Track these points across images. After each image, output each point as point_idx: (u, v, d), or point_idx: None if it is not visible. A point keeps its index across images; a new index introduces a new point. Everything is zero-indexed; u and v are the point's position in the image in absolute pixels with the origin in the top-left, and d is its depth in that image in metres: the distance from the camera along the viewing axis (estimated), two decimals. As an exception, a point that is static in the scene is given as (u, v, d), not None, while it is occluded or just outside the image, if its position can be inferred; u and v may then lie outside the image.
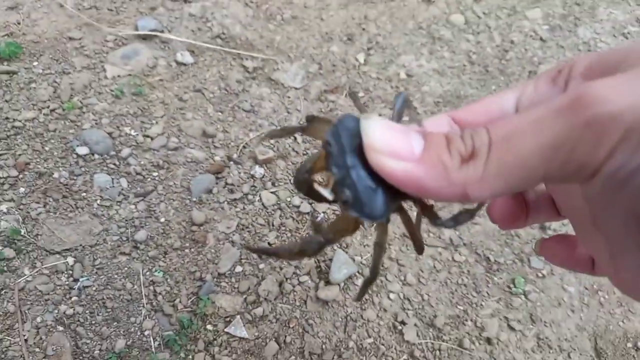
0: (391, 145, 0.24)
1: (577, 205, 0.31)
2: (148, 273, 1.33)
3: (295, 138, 1.68)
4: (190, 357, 1.24)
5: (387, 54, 2.02)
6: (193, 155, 1.56)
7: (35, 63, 1.66)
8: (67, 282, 1.27)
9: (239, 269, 1.38)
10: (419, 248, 0.35)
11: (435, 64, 2.02)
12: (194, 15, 1.97)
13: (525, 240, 1.55)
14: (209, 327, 1.28)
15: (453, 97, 1.92)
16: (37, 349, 1.17)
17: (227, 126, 1.66)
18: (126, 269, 1.32)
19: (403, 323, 1.37)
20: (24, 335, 1.17)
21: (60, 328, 1.21)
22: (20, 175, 1.41)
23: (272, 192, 1.53)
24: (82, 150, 1.48)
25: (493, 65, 2.07)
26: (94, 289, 1.27)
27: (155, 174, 1.51)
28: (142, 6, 1.97)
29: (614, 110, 0.20)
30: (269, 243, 1.43)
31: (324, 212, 1.52)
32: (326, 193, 0.29)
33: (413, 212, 0.35)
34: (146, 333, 1.24)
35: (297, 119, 1.73)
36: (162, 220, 1.42)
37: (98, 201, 1.42)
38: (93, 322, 1.23)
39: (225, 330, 1.29)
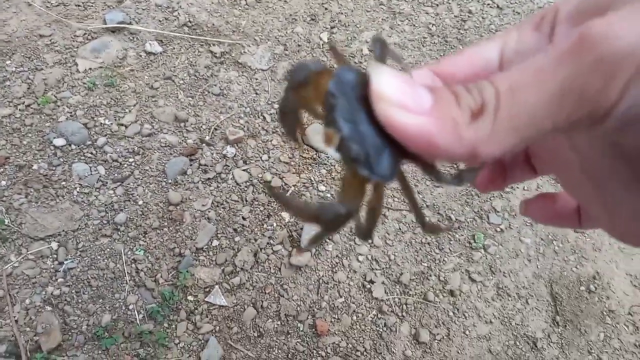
0: (402, 98, 0.22)
1: (566, 159, 0.30)
2: (129, 252, 1.38)
3: (264, 117, 1.72)
4: (174, 326, 1.30)
5: (350, 31, 2.05)
6: (167, 140, 1.60)
7: (8, 62, 1.68)
8: (52, 266, 1.32)
9: (215, 243, 1.43)
10: (423, 222, 0.32)
11: (397, 38, 2.06)
12: (160, 6, 1.98)
13: (484, 199, 1.62)
14: (189, 297, 1.34)
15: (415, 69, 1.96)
16: (28, 328, 1.23)
17: (198, 110, 1.70)
18: (108, 250, 1.37)
19: (371, 282, 1.43)
20: (15, 317, 1.22)
21: (49, 308, 1.26)
22: (1, 169, 1.44)
23: (243, 170, 1.58)
24: (59, 142, 1.51)
25: (452, 36, 2.10)
26: (78, 270, 1.33)
27: (131, 159, 1.55)
28: (108, 0, 1.98)
29: (622, 46, 0.19)
30: (243, 217, 1.49)
31: (293, 186, 1.57)
32: (330, 151, 0.25)
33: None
34: (130, 307, 1.30)
35: (265, 99, 1.77)
36: (140, 202, 1.47)
37: (77, 189, 1.46)
38: (79, 300, 1.29)
39: (205, 299, 1.35)
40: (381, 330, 1.39)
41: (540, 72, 0.20)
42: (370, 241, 1.49)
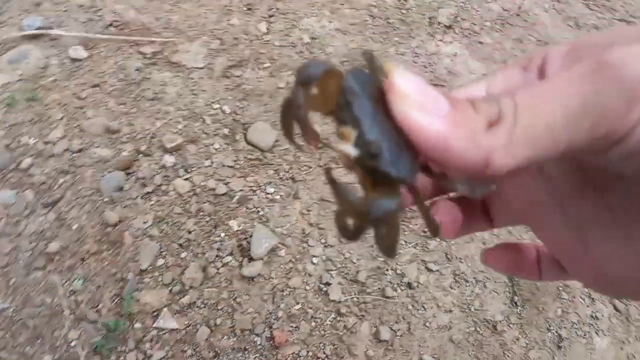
0: (421, 99, 0.22)
1: (544, 206, 0.29)
2: (67, 284, 1.25)
3: (204, 120, 1.59)
4: (122, 358, 1.20)
5: (289, 19, 1.91)
6: (99, 154, 1.46)
7: None
8: (-19, 309, 1.19)
9: (160, 261, 1.32)
10: (435, 229, 0.29)
11: (338, 24, 1.93)
12: (83, 6, 1.80)
13: (437, 185, 1.55)
14: (137, 325, 1.24)
15: (358, 55, 1.85)
16: (-42, 382, 1.11)
17: (132, 118, 1.55)
18: (43, 283, 1.24)
19: (327, 284, 1.36)
20: (-59, 371, 1.09)
21: (-19, 356, 1.14)
22: None
23: (185, 179, 1.46)
24: (-21, 169, 1.36)
25: (394, 17, 2.00)
26: (11, 310, 1.20)
27: (61, 180, 1.40)
28: (25, 4, 1.78)
29: None
30: (188, 231, 1.38)
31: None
32: (349, 149, 0.23)
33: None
34: (73, 344, 1.19)
35: (204, 100, 1.64)
36: (75, 227, 1.33)
37: (4, 219, 1.31)
38: (15, 344, 1.16)
39: (154, 325, 1.24)
40: (341, 333, 1.32)
41: (562, 89, 0.20)
42: (395, 257, 1.40)
